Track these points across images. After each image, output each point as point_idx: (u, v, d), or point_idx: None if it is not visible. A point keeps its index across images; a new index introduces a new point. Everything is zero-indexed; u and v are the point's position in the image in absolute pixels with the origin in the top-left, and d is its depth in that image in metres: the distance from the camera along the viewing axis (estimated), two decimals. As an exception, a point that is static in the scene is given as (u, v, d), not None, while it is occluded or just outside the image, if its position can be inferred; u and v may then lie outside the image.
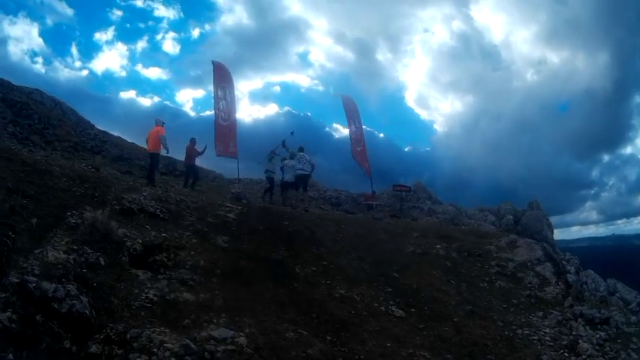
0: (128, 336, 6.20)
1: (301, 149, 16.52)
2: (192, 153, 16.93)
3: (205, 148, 17.14)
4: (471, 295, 10.52)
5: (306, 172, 15.91)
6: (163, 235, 9.63)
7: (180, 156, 19.69)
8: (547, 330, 9.59)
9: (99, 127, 27.05)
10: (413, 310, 9.26)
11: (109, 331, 6.42)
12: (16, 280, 6.46)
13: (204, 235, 10.13)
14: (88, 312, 6.64)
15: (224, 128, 17.99)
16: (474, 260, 12.39)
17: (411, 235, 13.54)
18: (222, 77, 18.76)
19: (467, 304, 10.04)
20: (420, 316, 9.09)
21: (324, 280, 9.46)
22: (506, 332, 9.20)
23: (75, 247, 8.28)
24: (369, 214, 18.42)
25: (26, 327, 5.99)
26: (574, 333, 9.59)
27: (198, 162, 17.99)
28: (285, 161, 16.83)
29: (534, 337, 9.20)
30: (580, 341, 9.11)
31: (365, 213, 19.50)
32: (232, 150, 18.21)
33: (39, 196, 10.12)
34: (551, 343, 9.08)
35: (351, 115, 21.97)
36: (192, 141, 17.08)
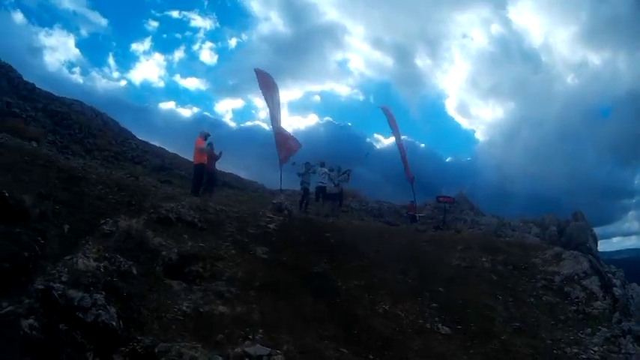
0: (156, 350, 6.00)
1: (322, 164, 18.36)
2: (212, 156, 16.67)
3: (221, 153, 16.95)
4: (518, 311, 10.27)
5: (324, 185, 17.81)
6: (200, 245, 9.47)
7: (221, 166, 20.02)
8: (596, 348, 9.31)
9: (140, 138, 27.71)
10: (459, 327, 8.98)
11: (135, 344, 6.24)
12: (41, 287, 6.39)
13: (243, 246, 9.92)
14: (114, 323, 6.50)
15: (282, 136, 18.07)
16: (519, 274, 12.18)
17: (456, 248, 13.24)
18: (268, 85, 18.79)
19: (514, 320, 9.77)
20: (467, 334, 8.80)
21: (367, 295, 9.15)
22: (555, 351, 8.92)
23: (107, 255, 8.20)
24: (412, 226, 18.11)
25: (48, 335, 5.88)
26: (623, 351, 9.35)
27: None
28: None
29: (583, 356, 8.93)
30: (630, 360, 8.82)
31: (408, 225, 19.31)
32: (282, 157, 18.26)
33: (73, 203, 10.21)
34: (601, 362, 8.74)
35: (395, 123, 21.80)
36: (207, 138, 16.53)
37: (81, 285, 7.09)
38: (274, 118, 18.12)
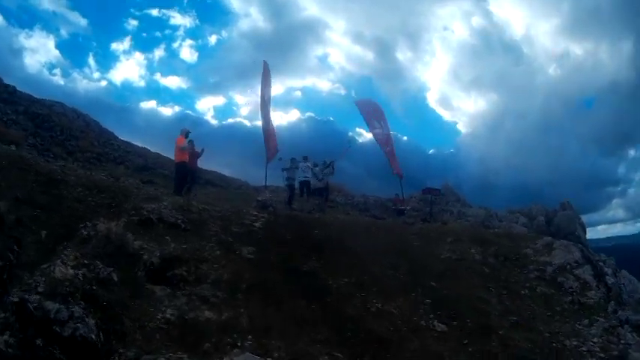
0: (140, 362, 5.73)
1: (305, 159, 18.20)
2: (194, 153, 16.36)
3: (203, 150, 16.62)
4: (513, 304, 10.08)
5: (307, 179, 17.74)
6: (184, 246, 9.15)
7: (204, 164, 19.77)
8: (595, 340, 9.14)
9: (122, 138, 27.32)
10: (455, 323, 8.73)
11: (117, 357, 5.98)
12: (16, 300, 6.13)
13: (228, 246, 9.61)
14: (93, 336, 6.23)
15: (270, 132, 17.75)
16: (511, 265, 12.00)
17: (445, 240, 12.92)
18: (267, 80, 18.50)
19: (510, 313, 9.57)
20: (464, 330, 8.56)
21: (359, 293, 8.86)
22: (554, 344, 8.74)
23: (86, 262, 7.88)
24: (398, 219, 17.96)
25: (25, 351, 5.67)
26: (622, 342, 9.18)
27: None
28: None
29: (583, 349, 8.76)
30: (630, 351, 8.75)
31: (395, 218, 19.14)
32: (269, 154, 18.00)
33: (51, 207, 9.87)
34: (602, 355, 8.62)
35: (372, 117, 21.47)
36: (187, 136, 16.15)
37: (58, 295, 6.84)
38: (268, 113, 17.83)
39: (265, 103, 18.32)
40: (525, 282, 11.21)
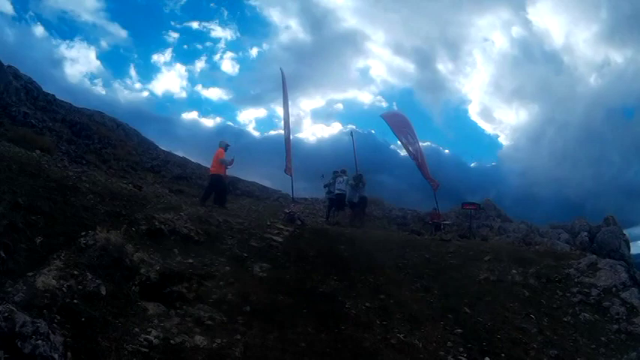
0: (102, 394, 4.96)
1: (343, 172, 18.03)
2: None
3: (232, 160, 16.20)
4: (555, 334, 9.00)
5: (342, 192, 17.42)
6: (189, 261, 8.40)
7: (245, 175, 19.64)
8: None
9: (162, 148, 27.45)
10: (487, 358, 7.67)
11: (80, 383, 5.26)
12: (-13, 308, 5.61)
13: (241, 262, 8.78)
14: (57, 356, 5.55)
15: (287, 144, 17.20)
16: (553, 287, 10.98)
17: (483, 259, 11.87)
18: (286, 89, 18.06)
19: (551, 346, 8.47)
20: None
21: (380, 320, 7.82)
22: None
23: (75, 273, 7.35)
24: (436, 235, 16.88)
25: (-15, 365, 5.08)
26: None
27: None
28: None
29: None
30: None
31: (432, 234, 18.29)
32: (288, 166, 17.34)
33: (54, 214, 9.38)
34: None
35: (400, 131, 20.62)
36: (227, 148, 16.17)
37: (34, 307, 6.30)
38: (288, 124, 17.26)
39: (287, 113, 17.81)
40: (568, 307, 10.18)
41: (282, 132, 19.05)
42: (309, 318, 7.22)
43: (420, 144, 21.51)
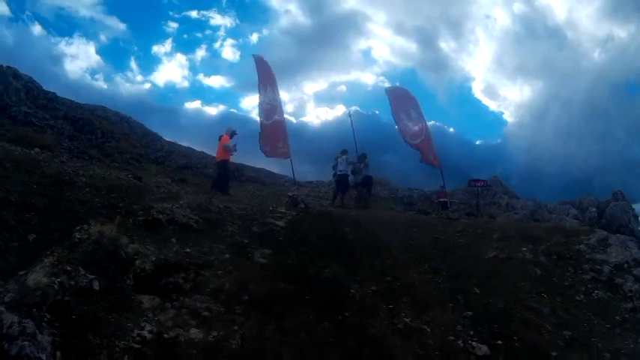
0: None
1: (344, 152, 17.30)
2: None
3: (235, 146, 15.80)
4: (568, 314, 8.63)
5: (344, 173, 16.82)
6: (187, 250, 8.06)
7: (252, 162, 19.41)
8: None
9: (167, 139, 27.21)
10: (500, 342, 7.28)
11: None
12: (-25, 309, 5.45)
13: (241, 249, 8.44)
14: (44, 357, 5.34)
15: (268, 127, 16.53)
16: (565, 265, 10.56)
17: (492, 237, 11.42)
18: (265, 73, 17.45)
19: (564, 327, 8.10)
20: (510, 353, 7.16)
21: (386, 304, 7.46)
22: None
23: (68, 269, 7.10)
24: (443, 214, 16.43)
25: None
26: None
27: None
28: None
29: None
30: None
31: (439, 213, 17.81)
32: (282, 150, 16.79)
33: (48, 210, 9.13)
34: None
35: (400, 107, 19.91)
36: (233, 135, 15.76)
37: (24, 306, 6.06)
38: (272, 108, 16.68)
39: (269, 98, 17.18)
40: (580, 285, 9.83)
41: (286, 117, 18.50)
42: (310, 306, 6.88)
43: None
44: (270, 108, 16.80)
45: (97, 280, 6.90)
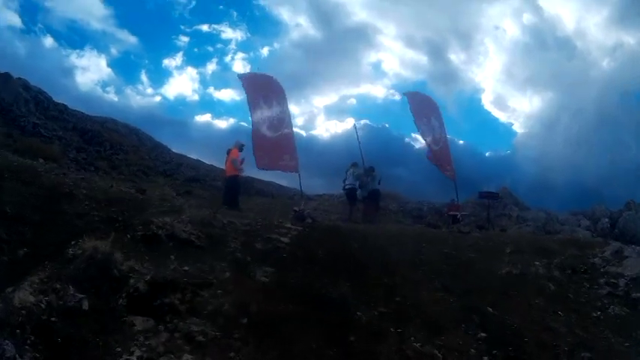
0: None
1: (353, 165, 16.99)
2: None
3: (243, 160, 15.38)
4: (585, 332, 8.11)
5: (352, 187, 16.54)
6: (185, 268, 7.56)
7: (263, 175, 19.25)
8: None
9: (175, 151, 26.97)
10: None
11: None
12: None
13: (243, 267, 7.92)
14: (22, 384, 4.89)
15: (267, 140, 15.90)
16: (579, 279, 10.06)
17: (504, 251, 10.89)
18: (256, 87, 16.80)
19: (582, 347, 7.57)
20: None
21: (395, 328, 6.88)
22: None
23: (57, 286, 6.71)
24: (453, 227, 15.83)
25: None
26: None
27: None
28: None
29: None
30: None
31: (449, 226, 17.30)
32: (290, 163, 16.17)
33: (44, 223, 8.72)
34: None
35: (422, 112, 19.19)
36: (242, 149, 15.34)
37: (7, 326, 5.61)
38: (279, 121, 16.04)
39: (272, 110, 16.55)
40: (596, 300, 9.29)
41: (296, 130, 17.87)
42: (314, 330, 6.33)
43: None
44: (278, 121, 16.25)
45: (87, 300, 6.50)
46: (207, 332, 6.07)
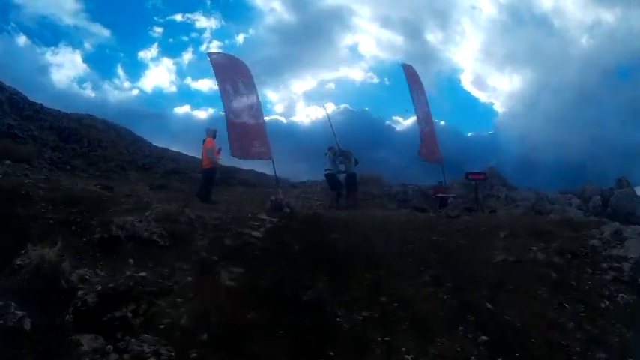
0: None
1: (330, 149, 15.98)
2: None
3: (220, 149, 14.35)
4: (594, 326, 7.19)
5: (330, 172, 15.59)
6: (142, 274, 6.63)
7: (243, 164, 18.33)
8: None
9: (157, 145, 25.96)
10: None
11: None
12: None
13: (208, 268, 7.01)
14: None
15: (236, 126, 14.91)
16: (581, 264, 9.14)
17: (497, 236, 9.96)
18: (226, 70, 15.78)
19: (594, 344, 6.72)
20: None
21: (381, 335, 5.94)
22: None
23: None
24: (441, 211, 14.97)
25: None
26: None
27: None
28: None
29: None
30: None
31: (437, 210, 16.24)
32: (260, 150, 15.20)
33: (-7, 229, 7.81)
34: None
35: (414, 85, 18.47)
36: (215, 136, 14.36)
37: None
38: (244, 106, 15.02)
39: (240, 96, 15.52)
40: (602, 287, 8.43)
41: (276, 117, 16.84)
42: (286, 342, 5.41)
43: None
44: (242, 106, 15.21)
45: (29, 318, 5.58)
46: (161, 352, 5.17)
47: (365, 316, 6.24)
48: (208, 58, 15.23)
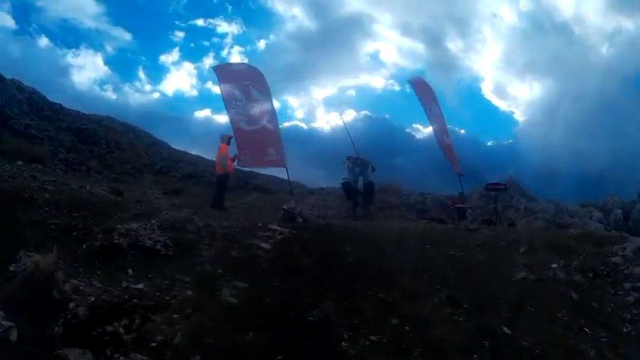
0: None
1: (348, 158, 15.54)
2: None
3: (235, 156, 14.01)
4: (616, 354, 6.51)
5: (346, 180, 15.13)
6: (139, 286, 6.22)
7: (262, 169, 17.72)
8: None
9: (176, 148, 25.75)
10: None
11: None
12: None
13: (210, 282, 6.57)
14: None
15: (247, 134, 14.45)
16: (602, 284, 8.43)
17: (517, 251, 9.31)
18: (232, 78, 15.35)
19: None
20: None
21: None
22: None
23: (-12, 313, 5.44)
24: (460, 223, 14.28)
25: None
26: None
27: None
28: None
29: None
30: None
31: (456, 221, 15.66)
32: (274, 158, 14.69)
33: (-6, 234, 7.49)
34: None
35: (425, 98, 17.93)
36: (230, 142, 14.02)
37: None
38: (259, 113, 14.57)
39: (251, 102, 15.08)
40: (624, 310, 7.67)
41: (296, 123, 16.42)
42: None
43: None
44: (259, 112, 14.77)
45: (16, 329, 5.21)
46: (150, 374, 4.73)
47: (373, 341, 5.64)
48: (215, 73, 14.84)
